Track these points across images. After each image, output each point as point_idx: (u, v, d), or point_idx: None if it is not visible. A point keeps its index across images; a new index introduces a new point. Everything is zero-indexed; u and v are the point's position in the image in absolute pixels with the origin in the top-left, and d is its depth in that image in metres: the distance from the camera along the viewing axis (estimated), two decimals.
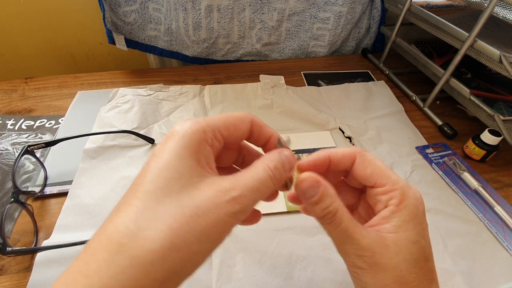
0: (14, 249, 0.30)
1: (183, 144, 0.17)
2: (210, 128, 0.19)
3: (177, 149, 0.17)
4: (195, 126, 0.18)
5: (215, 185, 0.17)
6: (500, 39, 0.54)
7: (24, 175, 0.40)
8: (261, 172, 0.18)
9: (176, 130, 0.18)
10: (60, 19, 0.68)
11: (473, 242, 0.35)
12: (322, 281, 0.31)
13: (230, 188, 0.17)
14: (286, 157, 0.20)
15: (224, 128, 0.20)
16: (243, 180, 0.18)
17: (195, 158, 0.18)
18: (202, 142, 0.18)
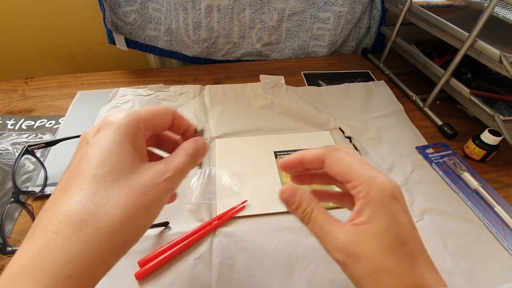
0: (15, 249, 0.30)
1: (122, 133, 0.20)
2: (142, 119, 0.22)
3: (117, 138, 0.20)
4: (129, 117, 0.21)
5: (152, 168, 0.20)
6: (500, 39, 0.54)
7: (24, 175, 0.40)
8: (183, 157, 0.23)
9: (110, 120, 0.21)
10: (60, 19, 0.68)
11: (473, 242, 0.35)
12: (322, 281, 0.31)
13: (165, 170, 0.21)
14: (200, 144, 0.24)
15: (152, 119, 0.23)
16: (173, 164, 0.22)
17: (133, 146, 0.20)
18: (137, 131, 0.21)
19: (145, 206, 0.19)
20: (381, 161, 0.44)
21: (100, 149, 0.19)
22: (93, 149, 0.19)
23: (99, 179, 0.18)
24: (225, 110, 0.52)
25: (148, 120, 0.22)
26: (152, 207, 0.20)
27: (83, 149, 0.20)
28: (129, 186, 0.19)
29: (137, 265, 0.31)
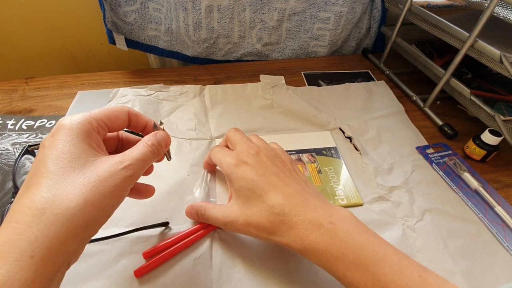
0: None
1: (73, 133, 0.22)
2: (94, 119, 0.24)
3: (69, 138, 0.22)
4: (80, 118, 0.23)
5: (109, 160, 0.22)
6: (500, 39, 0.54)
7: (24, 175, 0.40)
8: (143, 148, 0.24)
9: (63, 123, 0.22)
10: (61, 19, 0.68)
11: (473, 242, 0.35)
12: (322, 281, 0.31)
13: (122, 160, 0.22)
14: (160, 136, 0.27)
15: (106, 118, 0.25)
16: (131, 154, 0.23)
17: (87, 143, 0.22)
18: (90, 130, 0.23)
19: (102, 192, 0.21)
20: (381, 161, 0.44)
21: (55, 149, 0.21)
22: (49, 150, 0.21)
23: (56, 173, 0.20)
24: (225, 110, 0.52)
25: (101, 119, 0.24)
26: (111, 193, 0.21)
27: (40, 153, 0.22)
28: (84, 176, 0.20)
29: (137, 265, 0.31)
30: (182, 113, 0.51)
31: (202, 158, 0.43)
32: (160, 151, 0.26)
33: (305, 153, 0.45)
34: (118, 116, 0.26)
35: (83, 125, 0.23)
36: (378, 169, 0.43)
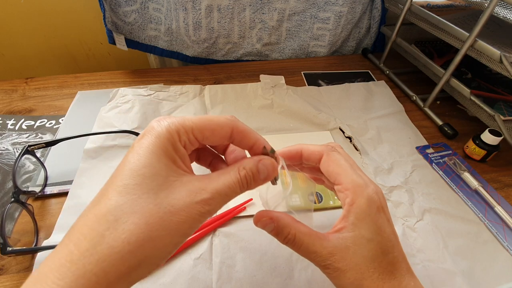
0: (15, 249, 0.30)
1: (158, 144, 0.19)
2: (185, 130, 0.20)
3: (153, 148, 0.19)
4: (170, 127, 0.19)
5: (188, 185, 0.19)
6: (500, 39, 0.54)
7: (24, 175, 0.40)
8: (232, 178, 0.20)
9: (152, 127, 0.20)
10: (61, 19, 0.68)
11: (473, 242, 0.35)
12: (322, 281, 0.31)
13: (202, 189, 0.19)
14: (263, 165, 0.22)
15: (198, 131, 0.20)
16: (214, 183, 0.19)
17: (171, 158, 0.19)
18: (176, 143, 0.19)
19: (168, 228, 0.17)
20: (381, 161, 0.44)
21: (137, 158, 0.18)
22: (132, 156, 0.19)
23: (128, 190, 0.17)
24: (225, 110, 0.52)
25: (193, 132, 0.20)
26: (177, 231, 0.18)
27: (128, 152, 0.19)
28: (155, 203, 0.17)
29: None
30: (182, 113, 0.51)
31: None
32: (252, 185, 0.22)
33: None
34: (216, 132, 0.21)
35: (170, 136, 0.19)
36: (378, 169, 0.43)
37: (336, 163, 0.24)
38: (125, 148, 0.43)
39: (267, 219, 0.24)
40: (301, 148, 0.26)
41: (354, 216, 0.22)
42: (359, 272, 0.21)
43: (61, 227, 0.34)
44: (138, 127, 0.46)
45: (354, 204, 0.22)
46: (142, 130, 0.49)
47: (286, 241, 0.23)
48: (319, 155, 0.25)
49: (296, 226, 0.23)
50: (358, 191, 0.23)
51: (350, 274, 0.21)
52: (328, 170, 0.24)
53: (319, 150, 0.25)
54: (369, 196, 0.23)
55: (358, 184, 0.23)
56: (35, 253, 0.31)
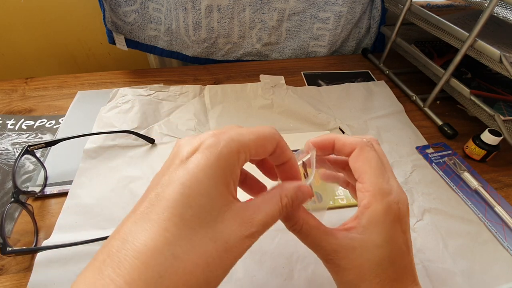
0: (14, 249, 0.30)
1: (218, 167, 0.16)
2: (243, 149, 0.18)
3: (212, 170, 0.16)
4: (231, 145, 0.17)
5: (238, 218, 0.17)
6: (500, 39, 0.54)
7: (24, 175, 0.40)
8: (275, 208, 0.19)
9: (210, 144, 0.17)
10: (61, 19, 0.68)
11: (473, 242, 0.35)
12: (322, 281, 0.31)
13: (250, 222, 0.17)
14: (302, 194, 0.21)
15: (255, 149, 0.19)
16: (260, 214, 0.18)
17: (226, 183, 0.17)
18: (235, 166, 0.17)
19: (225, 267, 0.16)
20: None
21: (194, 182, 0.16)
22: (186, 176, 0.16)
23: (185, 222, 0.15)
24: (225, 110, 0.52)
25: (251, 150, 0.18)
26: (231, 266, 0.17)
27: (173, 167, 0.17)
28: (213, 240, 0.16)
29: None
30: (182, 113, 0.51)
31: None
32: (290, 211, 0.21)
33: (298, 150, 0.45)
34: (267, 148, 0.20)
35: (231, 156, 0.17)
36: None
37: (366, 161, 0.23)
38: (125, 148, 0.43)
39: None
40: (334, 139, 0.24)
41: (367, 219, 0.21)
42: (360, 274, 0.21)
43: (60, 227, 0.34)
44: (138, 127, 0.46)
45: (369, 208, 0.21)
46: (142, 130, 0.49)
47: (292, 229, 0.23)
48: (352, 148, 0.23)
49: (305, 217, 0.22)
50: (378, 196, 0.21)
51: (350, 273, 0.21)
52: (355, 166, 0.23)
53: (353, 142, 0.23)
54: (388, 205, 0.21)
55: (380, 189, 0.22)
56: (35, 253, 0.31)
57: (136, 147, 0.44)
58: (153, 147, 0.44)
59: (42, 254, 0.31)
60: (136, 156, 0.43)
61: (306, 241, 0.22)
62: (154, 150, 0.44)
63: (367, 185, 0.22)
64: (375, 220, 0.21)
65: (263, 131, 0.20)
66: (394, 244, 0.21)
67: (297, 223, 0.22)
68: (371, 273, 0.21)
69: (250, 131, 0.19)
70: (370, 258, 0.21)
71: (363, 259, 0.21)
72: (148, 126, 0.47)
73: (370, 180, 0.22)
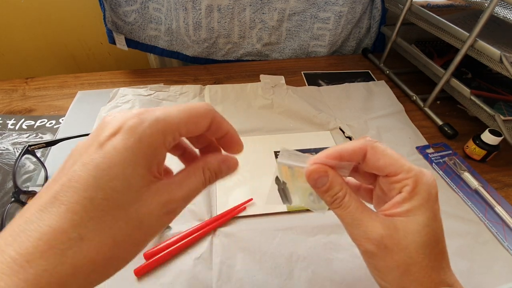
0: None
1: (138, 150, 0.16)
2: (170, 129, 0.17)
3: (130, 155, 0.16)
4: (155, 126, 0.17)
5: (157, 197, 0.17)
6: (500, 39, 0.54)
7: (24, 175, 0.40)
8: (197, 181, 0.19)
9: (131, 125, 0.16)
10: (61, 19, 0.68)
11: (473, 242, 0.35)
12: (322, 281, 0.31)
13: (170, 200, 0.18)
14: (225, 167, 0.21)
15: (184, 127, 0.18)
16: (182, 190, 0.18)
17: (147, 165, 0.17)
18: (159, 147, 0.17)
19: (135, 242, 0.17)
20: None
21: (107, 164, 0.15)
22: (100, 159, 0.15)
23: (94, 205, 0.15)
24: (226, 110, 0.52)
25: (179, 130, 0.18)
26: (144, 242, 0.17)
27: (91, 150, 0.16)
28: (124, 220, 0.16)
29: (137, 265, 0.31)
30: None
31: None
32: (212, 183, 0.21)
33: (305, 153, 0.45)
34: (199, 124, 0.19)
35: (154, 138, 0.17)
36: None
37: (385, 155, 0.22)
38: None
39: (322, 171, 0.22)
40: (340, 151, 0.22)
41: (411, 203, 0.21)
42: (408, 256, 0.20)
43: None
44: None
45: (414, 190, 0.21)
46: None
47: (334, 198, 0.22)
48: (363, 151, 0.22)
49: (347, 188, 0.22)
50: (419, 178, 0.21)
51: (398, 256, 0.20)
52: (378, 165, 0.22)
53: (361, 146, 0.22)
54: (431, 183, 0.21)
55: (418, 171, 0.21)
56: None
57: None
58: None
59: None
60: None
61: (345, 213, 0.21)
62: None
63: (403, 174, 0.21)
64: (421, 201, 0.21)
65: (194, 108, 0.19)
66: (438, 221, 0.21)
67: (342, 191, 0.21)
68: (419, 255, 0.20)
69: (179, 109, 0.18)
70: (417, 239, 0.20)
71: (409, 241, 0.20)
72: None
73: (401, 168, 0.21)
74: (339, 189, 0.21)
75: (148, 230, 0.17)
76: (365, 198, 0.26)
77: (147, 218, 0.17)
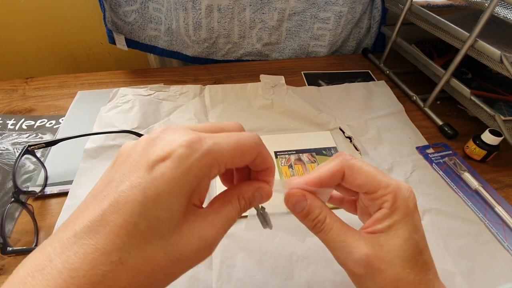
0: (15, 249, 0.30)
1: (185, 179, 0.16)
2: (218, 163, 0.17)
3: (177, 184, 0.16)
4: (204, 159, 0.17)
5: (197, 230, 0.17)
6: (500, 39, 0.54)
7: (24, 175, 0.40)
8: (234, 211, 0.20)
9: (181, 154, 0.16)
10: (61, 19, 0.68)
11: (473, 243, 0.35)
12: (322, 281, 0.31)
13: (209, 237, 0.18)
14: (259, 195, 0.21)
15: (231, 160, 0.18)
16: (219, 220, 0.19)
17: (190, 196, 0.17)
18: (204, 179, 0.17)
19: (170, 274, 0.17)
20: (381, 161, 0.44)
21: (154, 192, 0.15)
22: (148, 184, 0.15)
23: (138, 232, 0.15)
24: (226, 110, 0.52)
25: (227, 163, 0.18)
26: (175, 276, 0.17)
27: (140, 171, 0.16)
28: (165, 251, 0.16)
29: None
30: (182, 113, 0.51)
31: None
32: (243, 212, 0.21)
33: (305, 153, 0.45)
34: (245, 158, 0.19)
35: (202, 170, 0.17)
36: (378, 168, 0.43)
37: (362, 173, 0.22)
38: None
39: (299, 196, 0.22)
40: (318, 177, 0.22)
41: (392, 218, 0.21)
42: (396, 273, 0.20)
43: None
44: (138, 127, 0.46)
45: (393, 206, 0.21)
46: (142, 130, 0.48)
47: (315, 222, 0.22)
48: (340, 173, 0.22)
49: (327, 210, 0.22)
50: (397, 193, 0.21)
51: (386, 275, 0.20)
52: (357, 183, 0.22)
53: (338, 168, 0.22)
54: (408, 196, 0.21)
55: (395, 186, 0.21)
56: None
57: None
58: None
59: None
60: None
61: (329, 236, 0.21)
62: None
63: (381, 191, 0.21)
64: (401, 215, 0.21)
65: (244, 141, 0.19)
66: (419, 232, 0.21)
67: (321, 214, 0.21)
68: (405, 270, 0.20)
69: (228, 141, 0.18)
70: (401, 254, 0.20)
71: (393, 256, 0.20)
72: (149, 126, 0.47)
73: (381, 185, 0.22)
74: (318, 212, 0.21)
75: (185, 264, 0.17)
76: (349, 209, 0.27)
77: (186, 252, 0.17)
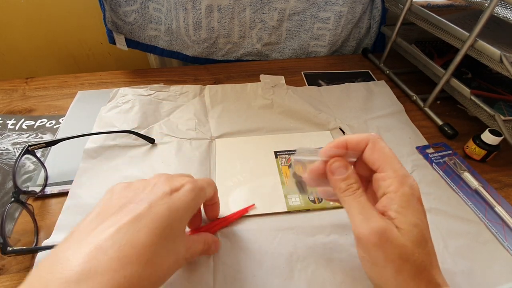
0: (15, 249, 0.30)
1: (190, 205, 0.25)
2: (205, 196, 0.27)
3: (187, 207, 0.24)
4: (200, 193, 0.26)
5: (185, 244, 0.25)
6: (500, 38, 0.54)
7: (24, 175, 0.40)
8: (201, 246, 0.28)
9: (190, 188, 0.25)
10: (61, 19, 0.68)
11: (473, 242, 0.35)
12: (322, 281, 0.31)
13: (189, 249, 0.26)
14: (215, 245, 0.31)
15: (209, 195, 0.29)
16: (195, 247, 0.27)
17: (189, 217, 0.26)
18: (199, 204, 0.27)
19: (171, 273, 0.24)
20: None
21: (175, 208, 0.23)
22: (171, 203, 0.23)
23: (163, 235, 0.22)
24: (225, 110, 0.52)
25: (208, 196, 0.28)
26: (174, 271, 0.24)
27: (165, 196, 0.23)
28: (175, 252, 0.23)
29: None
30: (182, 113, 0.51)
31: (202, 157, 0.43)
32: None
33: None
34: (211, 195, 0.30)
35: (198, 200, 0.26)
36: None
37: (382, 151, 0.24)
38: (125, 148, 0.43)
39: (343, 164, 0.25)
40: (346, 140, 0.26)
41: (398, 203, 0.22)
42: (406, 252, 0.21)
43: (61, 227, 0.34)
44: (138, 127, 0.46)
45: (398, 192, 0.23)
46: (142, 130, 0.48)
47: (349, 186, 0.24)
48: (365, 143, 0.25)
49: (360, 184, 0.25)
50: (403, 180, 0.23)
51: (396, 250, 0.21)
52: (372, 158, 0.25)
53: (365, 138, 0.25)
54: (413, 186, 0.23)
55: (403, 174, 0.23)
56: (35, 253, 0.31)
57: (136, 147, 0.44)
58: (153, 147, 0.44)
59: (42, 254, 0.31)
60: (136, 156, 0.43)
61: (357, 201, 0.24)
62: (154, 150, 0.44)
63: (389, 173, 0.23)
64: (406, 202, 0.22)
65: (212, 182, 0.29)
66: (424, 222, 0.23)
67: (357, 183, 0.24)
68: (414, 253, 0.21)
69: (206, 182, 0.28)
70: (411, 238, 0.21)
71: (406, 239, 0.21)
72: (148, 126, 0.47)
73: (392, 167, 0.24)
74: (354, 181, 0.24)
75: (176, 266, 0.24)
76: None
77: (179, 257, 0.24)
